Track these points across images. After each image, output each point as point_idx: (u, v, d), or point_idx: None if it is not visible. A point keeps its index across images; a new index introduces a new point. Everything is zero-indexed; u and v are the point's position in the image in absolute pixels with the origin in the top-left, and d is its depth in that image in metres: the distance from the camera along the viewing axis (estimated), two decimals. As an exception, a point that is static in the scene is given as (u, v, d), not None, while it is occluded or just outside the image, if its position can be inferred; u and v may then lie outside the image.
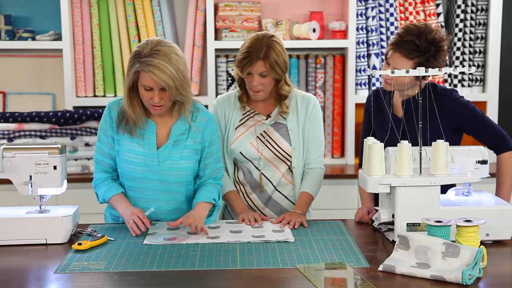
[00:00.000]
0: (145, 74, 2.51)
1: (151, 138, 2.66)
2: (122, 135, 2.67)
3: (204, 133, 2.70)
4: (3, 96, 4.33)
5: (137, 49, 2.56)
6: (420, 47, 2.67)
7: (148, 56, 2.50)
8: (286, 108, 2.88)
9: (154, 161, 2.65)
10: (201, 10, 4.14)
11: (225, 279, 2.11)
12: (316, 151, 2.93)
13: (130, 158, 2.66)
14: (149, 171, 2.66)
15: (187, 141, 2.68)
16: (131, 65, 2.55)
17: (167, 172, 2.66)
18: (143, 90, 2.55)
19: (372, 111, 2.91)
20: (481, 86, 4.23)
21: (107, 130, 2.69)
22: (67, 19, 4.07)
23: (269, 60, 2.75)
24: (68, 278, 2.13)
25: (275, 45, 2.78)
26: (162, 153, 2.66)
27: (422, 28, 2.69)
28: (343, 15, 4.25)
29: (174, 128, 2.67)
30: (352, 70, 4.13)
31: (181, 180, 2.70)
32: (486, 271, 2.15)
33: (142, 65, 2.50)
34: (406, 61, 2.69)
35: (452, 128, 2.77)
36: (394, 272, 2.13)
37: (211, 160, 2.73)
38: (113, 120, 2.67)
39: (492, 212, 2.41)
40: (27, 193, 2.55)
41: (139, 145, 2.65)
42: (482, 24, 4.17)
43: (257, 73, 2.77)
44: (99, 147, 2.73)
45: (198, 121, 2.69)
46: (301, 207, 2.81)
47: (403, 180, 2.39)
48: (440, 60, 2.70)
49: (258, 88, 2.81)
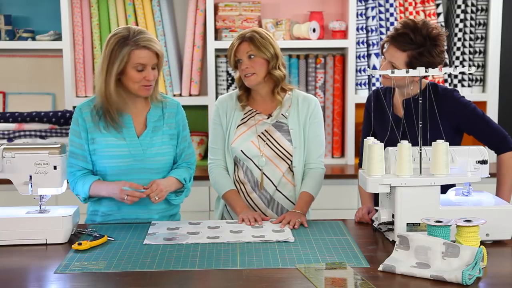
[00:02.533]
0: (140, 51, 2.61)
1: (130, 128, 2.72)
2: (98, 133, 2.70)
3: (177, 118, 2.81)
4: (3, 96, 4.33)
5: (118, 34, 2.63)
6: (414, 41, 2.68)
7: (137, 35, 2.62)
8: (279, 98, 2.89)
9: (138, 150, 2.71)
10: (201, 10, 4.14)
11: (225, 279, 2.11)
12: (317, 151, 2.93)
13: (113, 152, 2.70)
14: (134, 160, 2.70)
15: (164, 127, 2.77)
16: (120, 49, 2.61)
17: (151, 159, 2.72)
18: (135, 71, 2.63)
19: (372, 111, 2.91)
20: (481, 86, 4.24)
21: (80, 132, 2.72)
22: (67, 19, 4.07)
23: (253, 41, 2.82)
24: (68, 278, 2.13)
25: (259, 31, 2.87)
26: (143, 140, 2.72)
27: (419, 23, 2.71)
28: (343, 15, 4.25)
29: (149, 116, 2.76)
30: (352, 70, 4.13)
31: (163, 166, 2.76)
32: (486, 271, 2.15)
33: (136, 42, 2.61)
34: (400, 53, 2.70)
35: (453, 128, 2.77)
36: (394, 272, 2.13)
37: (185, 144, 2.84)
38: (86, 121, 2.71)
39: (492, 212, 2.41)
40: (27, 193, 2.55)
41: (118, 138, 2.70)
42: (482, 24, 4.17)
43: (245, 56, 2.83)
44: (72, 151, 2.74)
45: (169, 107, 2.81)
46: (301, 207, 2.81)
47: (403, 180, 2.39)
48: (435, 55, 2.70)
49: (248, 70, 2.83)
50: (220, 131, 2.96)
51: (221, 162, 2.96)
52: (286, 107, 2.92)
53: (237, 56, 2.85)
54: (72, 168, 2.74)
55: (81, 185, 2.70)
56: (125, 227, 2.65)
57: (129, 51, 2.60)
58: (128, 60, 2.61)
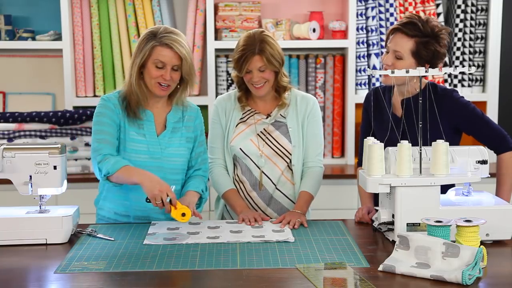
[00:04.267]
0: (162, 48, 2.64)
1: (150, 126, 2.74)
2: (128, 124, 2.71)
3: (196, 122, 2.83)
4: (3, 96, 4.33)
5: (150, 30, 2.69)
6: (422, 30, 2.70)
7: (165, 33, 2.66)
8: (285, 100, 2.90)
9: (156, 148, 2.73)
10: (201, 10, 4.14)
11: (225, 279, 2.11)
12: (315, 150, 2.93)
13: (132, 146, 2.71)
14: (151, 158, 2.72)
15: (183, 129, 2.78)
16: (146, 43, 2.66)
17: (168, 159, 2.74)
18: (154, 68, 2.65)
19: (372, 110, 2.91)
20: (481, 86, 4.24)
21: (112, 115, 2.69)
22: (67, 19, 4.07)
23: (264, 54, 2.79)
24: (68, 278, 2.13)
25: (268, 39, 2.83)
26: (162, 140, 2.74)
27: (423, 18, 2.75)
28: (343, 15, 4.25)
29: (169, 116, 2.77)
30: (352, 70, 4.13)
31: (178, 167, 2.78)
32: (486, 271, 2.15)
33: (161, 39, 2.64)
34: (407, 39, 2.70)
35: (452, 128, 2.77)
36: (394, 272, 2.13)
37: (202, 149, 2.85)
38: (115, 107, 2.71)
39: (492, 212, 2.41)
40: (27, 193, 2.55)
41: (139, 134, 2.72)
42: (482, 24, 4.17)
43: (256, 68, 2.81)
44: (102, 130, 2.67)
45: (189, 111, 2.82)
46: (301, 206, 2.81)
47: (403, 180, 2.39)
48: (442, 45, 2.72)
49: (260, 82, 2.82)
50: (219, 130, 2.96)
51: (220, 161, 2.96)
52: (285, 106, 2.93)
53: (248, 68, 2.81)
54: (100, 144, 2.65)
55: (112, 163, 2.60)
56: (125, 227, 2.65)
57: (152, 46, 2.64)
58: (149, 55, 2.65)
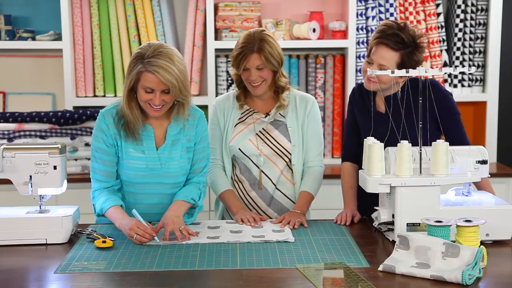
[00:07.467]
0: (148, 75, 2.51)
1: (149, 141, 2.65)
2: (120, 140, 2.65)
3: (196, 130, 2.72)
4: (3, 96, 4.33)
5: (139, 50, 2.55)
6: (404, 40, 2.68)
7: (152, 57, 2.50)
8: (283, 101, 2.89)
9: (156, 164, 2.65)
10: (201, 10, 4.14)
11: (225, 279, 2.11)
12: (315, 150, 2.93)
13: (130, 164, 2.65)
14: (151, 175, 2.66)
15: (183, 140, 2.69)
16: (133, 66, 2.54)
17: (168, 174, 2.67)
18: (143, 92, 2.54)
19: (356, 104, 2.90)
20: (481, 86, 4.23)
21: (107, 138, 2.64)
22: (67, 19, 4.07)
23: (263, 52, 2.78)
24: (68, 278, 2.13)
25: (267, 38, 2.82)
26: (162, 154, 2.66)
27: (401, 24, 2.72)
28: (343, 15, 4.25)
29: (170, 129, 2.67)
30: (352, 70, 4.12)
31: (179, 181, 2.70)
32: (486, 271, 2.15)
33: (146, 66, 2.50)
34: (393, 53, 2.68)
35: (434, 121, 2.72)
36: (394, 272, 2.13)
37: (199, 157, 2.73)
38: (109, 127, 2.64)
39: (492, 212, 2.41)
40: (27, 193, 2.55)
41: (137, 150, 2.64)
42: (482, 24, 4.17)
43: (254, 67, 2.79)
44: (95, 156, 2.67)
45: (191, 119, 2.70)
46: (301, 206, 2.81)
47: (403, 180, 2.39)
48: (420, 54, 2.72)
49: (257, 81, 2.82)
50: (217, 131, 2.96)
51: (219, 162, 2.96)
52: (283, 107, 2.92)
53: (246, 65, 2.81)
54: (94, 174, 2.67)
55: (102, 201, 2.62)
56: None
57: (138, 71, 2.51)
58: (138, 79, 2.53)
